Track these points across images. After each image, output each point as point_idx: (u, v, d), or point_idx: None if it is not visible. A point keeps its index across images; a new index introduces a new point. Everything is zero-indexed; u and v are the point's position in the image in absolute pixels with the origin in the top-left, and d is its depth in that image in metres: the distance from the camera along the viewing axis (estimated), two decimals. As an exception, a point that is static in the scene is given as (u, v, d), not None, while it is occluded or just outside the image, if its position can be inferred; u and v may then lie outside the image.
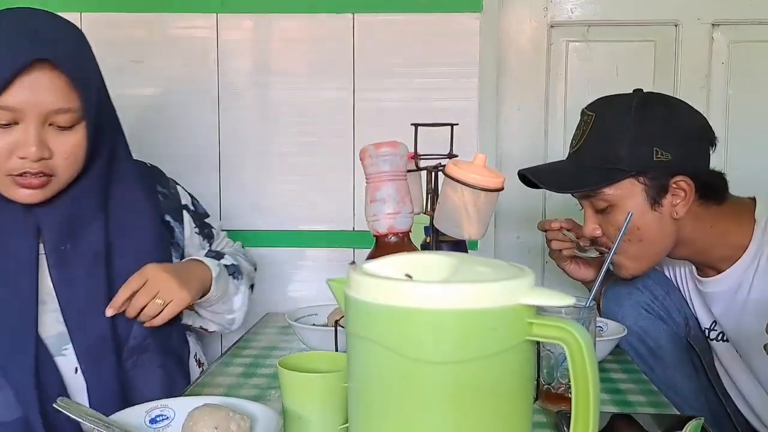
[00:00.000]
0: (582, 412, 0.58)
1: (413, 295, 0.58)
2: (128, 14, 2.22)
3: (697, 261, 1.51)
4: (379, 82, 2.16)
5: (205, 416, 0.89)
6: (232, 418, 0.89)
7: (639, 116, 1.38)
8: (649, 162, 1.37)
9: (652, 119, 1.39)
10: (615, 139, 1.39)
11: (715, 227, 1.42)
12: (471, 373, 0.58)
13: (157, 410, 0.96)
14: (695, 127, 1.42)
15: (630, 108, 1.40)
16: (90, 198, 1.30)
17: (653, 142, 1.37)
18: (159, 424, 0.95)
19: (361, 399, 0.63)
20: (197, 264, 1.40)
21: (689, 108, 1.45)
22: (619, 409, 1.16)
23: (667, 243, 1.43)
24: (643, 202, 1.40)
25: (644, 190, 1.39)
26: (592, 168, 1.42)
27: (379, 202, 1.06)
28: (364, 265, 0.64)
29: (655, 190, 1.39)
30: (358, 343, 0.62)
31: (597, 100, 1.49)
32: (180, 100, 2.20)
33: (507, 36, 2.28)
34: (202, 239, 1.56)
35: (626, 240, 1.39)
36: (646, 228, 1.41)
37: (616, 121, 1.40)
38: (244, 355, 1.47)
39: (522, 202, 2.28)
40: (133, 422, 0.92)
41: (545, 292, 0.58)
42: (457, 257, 0.64)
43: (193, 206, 1.56)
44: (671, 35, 2.25)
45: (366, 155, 1.08)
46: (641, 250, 1.44)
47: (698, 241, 1.44)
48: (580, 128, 1.46)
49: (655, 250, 1.45)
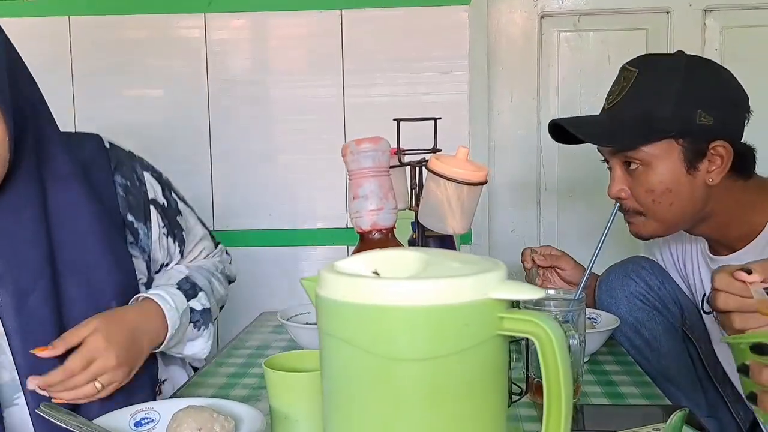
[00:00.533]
0: (554, 407, 0.57)
1: (382, 292, 0.57)
2: (117, 16, 2.22)
3: (714, 238, 1.47)
4: (369, 78, 2.15)
5: (188, 418, 0.88)
6: (216, 420, 0.89)
7: (686, 77, 1.34)
8: (691, 124, 1.32)
9: (700, 81, 1.34)
10: (660, 97, 1.34)
11: (739, 202, 1.39)
12: (443, 369, 0.57)
13: (142, 413, 0.95)
14: (739, 95, 1.38)
15: (678, 67, 1.35)
16: (25, 209, 1.06)
17: (699, 104, 1.32)
18: (144, 427, 0.94)
19: (335, 399, 0.62)
20: (154, 316, 1.16)
21: (732, 75, 1.41)
22: (611, 401, 1.16)
23: (695, 209, 1.38)
24: (679, 165, 1.35)
25: (682, 152, 1.34)
26: (631, 124, 1.36)
27: (361, 199, 1.05)
28: (335, 263, 0.64)
29: (693, 153, 1.34)
30: (330, 342, 0.61)
31: (640, 57, 1.44)
32: (170, 100, 2.20)
33: (497, 28, 2.27)
34: (173, 241, 1.32)
35: (656, 201, 1.36)
36: (678, 191, 1.36)
37: (663, 79, 1.35)
38: (237, 355, 1.47)
39: (516, 195, 2.27)
40: (117, 426, 0.92)
41: (516, 286, 0.57)
42: (428, 253, 0.63)
43: (164, 199, 1.30)
44: (663, 22, 2.24)
45: (347, 151, 1.07)
46: (670, 214, 1.39)
47: (721, 214, 1.39)
48: (619, 83, 1.41)
49: (682, 215, 1.40)
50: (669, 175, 1.34)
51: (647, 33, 2.25)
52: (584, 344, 1.15)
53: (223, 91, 2.20)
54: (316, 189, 2.18)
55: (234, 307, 2.29)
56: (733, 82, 1.39)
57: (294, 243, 2.21)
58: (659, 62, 1.40)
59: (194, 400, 0.96)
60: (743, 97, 1.38)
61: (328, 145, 2.14)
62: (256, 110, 2.20)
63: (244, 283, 2.29)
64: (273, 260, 2.20)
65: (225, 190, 2.22)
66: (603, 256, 1.40)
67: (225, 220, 2.21)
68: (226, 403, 0.97)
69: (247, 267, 2.29)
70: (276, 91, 2.18)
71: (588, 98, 2.32)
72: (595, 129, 1.40)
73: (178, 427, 0.87)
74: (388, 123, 1.33)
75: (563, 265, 1.61)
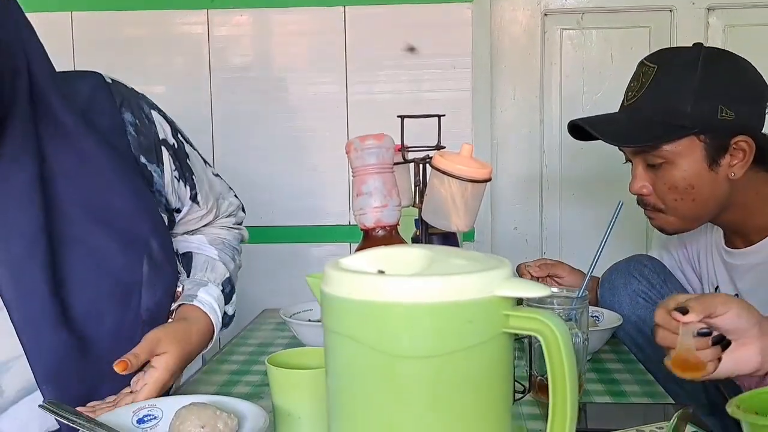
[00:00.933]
0: (560, 404, 0.57)
1: (387, 289, 0.57)
2: (119, 12, 2.22)
3: (733, 229, 1.46)
4: (372, 75, 2.15)
5: (192, 415, 0.88)
6: (219, 417, 0.88)
7: (706, 71, 1.32)
8: (713, 120, 1.31)
9: (719, 75, 1.33)
10: (679, 93, 1.32)
11: (760, 194, 1.38)
12: (448, 366, 0.57)
13: (145, 410, 0.95)
14: (759, 86, 1.36)
15: (696, 62, 1.33)
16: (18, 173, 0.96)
17: (719, 100, 1.31)
18: (147, 424, 0.94)
19: (339, 396, 0.62)
20: (207, 336, 1.15)
21: (753, 67, 1.39)
22: (613, 399, 1.16)
23: (718, 203, 1.37)
24: (701, 161, 1.34)
25: (704, 148, 1.33)
26: (651, 122, 1.35)
27: (365, 196, 1.05)
28: (340, 260, 0.64)
29: (715, 149, 1.33)
30: (334, 339, 0.61)
31: (658, 51, 1.43)
32: (173, 97, 2.19)
33: (500, 25, 2.27)
34: (184, 186, 1.19)
35: (679, 198, 1.35)
36: (700, 188, 1.35)
37: (682, 75, 1.34)
38: (240, 352, 1.47)
39: (519, 193, 2.27)
40: (120, 423, 0.92)
41: (521, 284, 0.57)
42: (433, 250, 0.63)
43: (174, 140, 1.18)
44: (666, 20, 2.24)
45: (351, 148, 1.07)
46: (692, 210, 1.38)
47: (741, 206, 1.38)
48: (638, 80, 1.39)
49: (704, 210, 1.39)
50: (691, 171, 1.33)
51: (650, 31, 2.25)
52: (587, 342, 1.15)
53: (225, 87, 2.20)
54: (320, 186, 2.18)
55: (237, 304, 2.29)
56: (751, 74, 1.37)
57: (297, 240, 2.21)
58: (677, 57, 1.39)
59: (197, 397, 0.95)
60: (763, 89, 1.37)
61: (331, 141, 2.14)
62: (258, 107, 2.20)
63: (246, 280, 2.29)
64: (275, 257, 2.20)
65: (227, 187, 2.22)
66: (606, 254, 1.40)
67: (227, 216, 2.21)
68: (229, 400, 0.96)
69: (249, 264, 2.28)
70: (279, 88, 2.18)
71: (591, 96, 2.31)
72: (616, 129, 1.39)
73: (181, 425, 0.87)
74: (391, 120, 1.33)
75: (559, 272, 1.61)
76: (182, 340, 1.07)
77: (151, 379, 1.01)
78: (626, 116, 1.40)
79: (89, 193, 1.02)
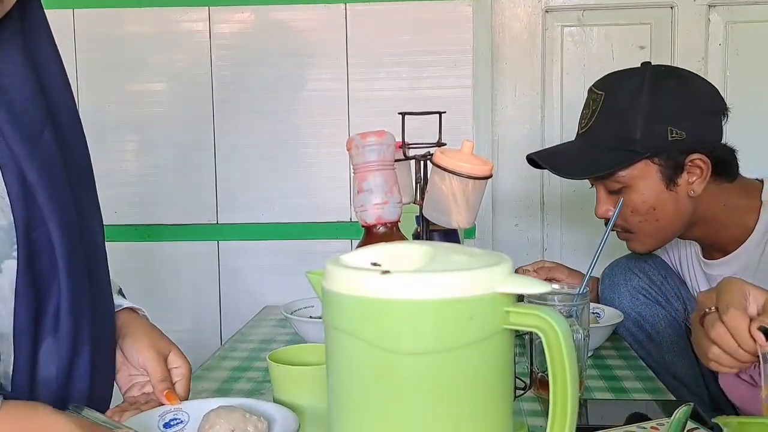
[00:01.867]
0: (560, 401, 0.57)
1: (388, 285, 0.57)
2: (121, 10, 2.22)
3: (706, 242, 1.48)
4: (373, 72, 2.15)
5: (220, 419, 0.86)
6: (249, 420, 0.87)
7: (651, 94, 1.34)
8: (663, 142, 1.33)
9: (666, 96, 1.34)
10: (628, 119, 1.34)
11: (727, 205, 1.39)
12: (448, 363, 0.57)
13: (171, 414, 0.94)
14: (708, 100, 1.37)
15: (642, 86, 1.35)
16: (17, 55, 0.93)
17: (668, 121, 1.32)
18: (173, 428, 0.92)
19: (340, 392, 0.62)
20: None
21: (701, 80, 1.40)
22: (614, 395, 1.16)
23: (683, 221, 1.40)
24: (659, 183, 1.36)
25: (659, 170, 1.35)
26: (604, 150, 1.37)
27: (366, 192, 1.05)
28: (341, 256, 0.64)
29: (671, 169, 1.35)
30: (335, 335, 0.61)
31: (605, 77, 1.44)
32: (174, 94, 2.20)
33: (501, 22, 2.27)
34: None
35: (642, 220, 1.37)
36: (662, 208, 1.37)
37: (628, 101, 1.35)
38: (241, 349, 1.47)
39: (520, 190, 2.27)
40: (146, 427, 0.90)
41: (522, 280, 0.57)
42: (434, 246, 0.63)
43: None
44: (667, 17, 2.23)
45: (352, 145, 1.07)
46: (657, 229, 1.40)
47: (710, 220, 1.40)
48: (589, 107, 1.41)
49: (671, 228, 1.41)
50: (650, 194, 1.35)
51: (651, 28, 2.25)
52: (588, 339, 1.15)
53: (227, 84, 2.20)
54: (320, 182, 2.18)
55: (237, 301, 2.30)
56: (702, 89, 1.38)
57: (297, 237, 2.21)
58: (624, 82, 1.40)
59: (224, 400, 0.94)
60: (714, 100, 1.37)
61: (332, 138, 2.14)
62: (259, 104, 2.20)
63: (247, 277, 2.30)
64: (276, 254, 2.20)
65: (229, 184, 2.22)
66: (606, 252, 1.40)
67: (229, 213, 2.21)
68: (256, 403, 0.94)
69: (250, 260, 2.29)
70: (280, 85, 2.18)
71: (592, 93, 2.31)
72: (570, 162, 1.42)
73: (210, 429, 0.86)
74: (392, 117, 1.33)
75: (558, 275, 1.62)
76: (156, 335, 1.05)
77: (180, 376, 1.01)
78: (580, 146, 1.43)
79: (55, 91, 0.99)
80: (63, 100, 0.99)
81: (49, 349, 0.91)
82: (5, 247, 0.86)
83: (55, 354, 0.91)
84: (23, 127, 0.89)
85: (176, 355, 1.02)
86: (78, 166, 0.99)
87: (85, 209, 0.97)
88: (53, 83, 0.98)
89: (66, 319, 0.90)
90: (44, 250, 0.89)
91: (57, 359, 0.91)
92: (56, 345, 0.91)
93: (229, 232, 2.08)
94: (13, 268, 0.86)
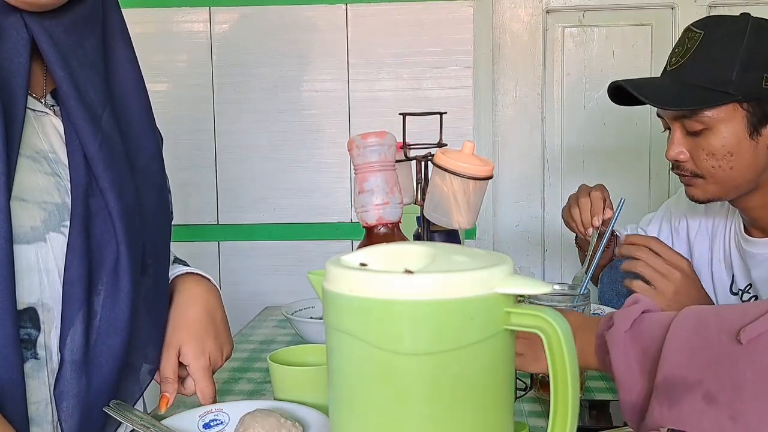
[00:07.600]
0: (561, 401, 0.57)
1: (388, 286, 0.57)
2: (123, 10, 2.22)
3: (755, 215, 1.45)
4: (373, 73, 2.15)
5: (255, 423, 0.86)
6: (284, 425, 0.87)
7: (752, 40, 1.32)
8: (757, 89, 1.30)
9: (765, 44, 1.32)
10: (725, 60, 1.32)
11: None
12: (449, 363, 0.57)
13: (211, 414, 0.94)
14: None
15: (744, 30, 1.33)
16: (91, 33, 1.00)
17: (765, 69, 1.30)
18: (213, 429, 0.92)
19: (341, 393, 0.62)
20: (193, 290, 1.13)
21: None
22: (615, 396, 1.16)
23: (754, 174, 1.36)
24: (743, 129, 1.33)
25: (746, 116, 1.32)
26: (694, 87, 1.34)
27: (367, 193, 1.05)
28: (342, 256, 0.64)
29: (757, 117, 1.32)
30: (335, 336, 0.61)
31: (706, 18, 1.42)
32: (175, 94, 2.20)
33: (501, 23, 2.27)
34: None
35: (716, 165, 1.34)
36: (739, 155, 1.34)
37: (728, 43, 1.33)
38: (242, 350, 1.47)
39: (521, 190, 2.27)
40: (186, 427, 0.90)
41: (522, 280, 0.57)
42: (434, 247, 0.63)
43: None
44: (668, 18, 2.23)
45: (353, 146, 1.07)
46: (728, 177, 1.36)
47: None
48: (684, 45, 1.38)
49: (743, 179, 1.37)
50: (731, 138, 1.33)
51: (652, 28, 2.25)
52: (589, 339, 1.15)
53: (227, 84, 2.20)
54: (322, 183, 2.18)
55: (238, 301, 2.30)
56: None
57: (298, 237, 2.21)
58: (724, 25, 1.37)
59: (262, 403, 0.94)
60: None
61: (333, 139, 2.15)
62: (260, 104, 2.20)
63: (248, 277, 2.30)
64: (277, 254, 2.20)
65: (230, 184, 2.22)
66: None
67: (230, 213, 2.21)
68: (292, 407, 0.94)
69: (251, 261, 2.29)
70: (281, 85, 2.18)
71: (592, 93, 2.31)
72: (659, 92, 1.38)
73: None
74: (393, 117, 1.33)
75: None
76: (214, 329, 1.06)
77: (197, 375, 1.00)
78: (670, 80, 1.39)
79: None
80: (131, 92, 1.05)
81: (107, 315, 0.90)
82: (55, 221, 0.89)
83: (112, 322, 0.90)
84: (85, 105, 0.93)
85: (189, 348, 1.00)
86: (142, 159, 1.03)
87: (147, 197, 1.01)
88: (121, 79, 1.05)
89: (125, 279, 0.91)
90: (100, 214, 0.92)
91: (116, 327, 0.90)
92: (114, 311, 0.90)
93: (230, 232, 2.08)
94: (60, 242, 0.88)
